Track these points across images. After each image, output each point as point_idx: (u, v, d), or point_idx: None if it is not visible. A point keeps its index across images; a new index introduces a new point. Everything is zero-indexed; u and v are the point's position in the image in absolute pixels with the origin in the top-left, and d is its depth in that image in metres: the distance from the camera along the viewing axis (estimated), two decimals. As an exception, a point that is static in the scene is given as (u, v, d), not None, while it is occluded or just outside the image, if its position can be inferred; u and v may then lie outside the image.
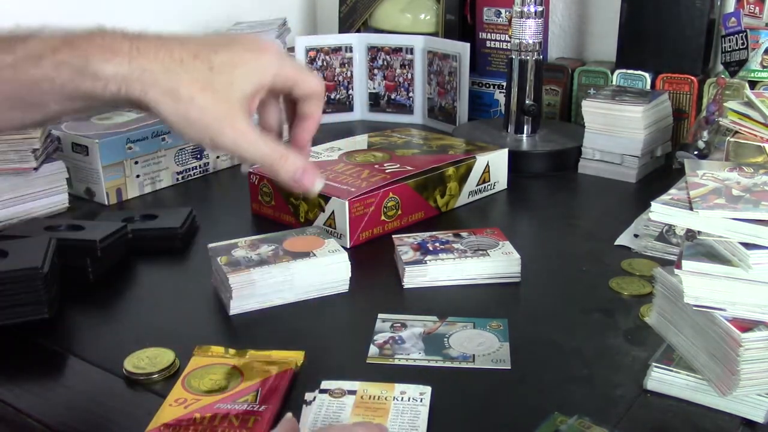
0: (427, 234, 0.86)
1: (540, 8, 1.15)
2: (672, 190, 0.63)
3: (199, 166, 1.14)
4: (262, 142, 0.62)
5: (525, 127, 1.20)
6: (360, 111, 1.44)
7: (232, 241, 0.80)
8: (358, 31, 1.49)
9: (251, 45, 0.64)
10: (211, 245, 0.80)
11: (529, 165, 1.14)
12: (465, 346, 0.68)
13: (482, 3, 1.37)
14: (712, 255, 0.59)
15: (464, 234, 0.85)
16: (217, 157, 1.16)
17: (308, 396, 0.59)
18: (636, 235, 0.89)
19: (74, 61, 0.59)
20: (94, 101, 0.62)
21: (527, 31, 1.15)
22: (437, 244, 0.83)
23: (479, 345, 0.68)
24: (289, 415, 0.53)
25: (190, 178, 1.13)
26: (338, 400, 0.59)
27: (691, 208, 0.59)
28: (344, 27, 1.51)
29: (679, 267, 0.59)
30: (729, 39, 1.13)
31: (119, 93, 0.60)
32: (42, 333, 0.71)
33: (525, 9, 1.14)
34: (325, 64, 1.39)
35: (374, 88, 1.42)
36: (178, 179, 1.12)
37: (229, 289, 0.73)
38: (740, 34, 1.11)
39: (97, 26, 0.63)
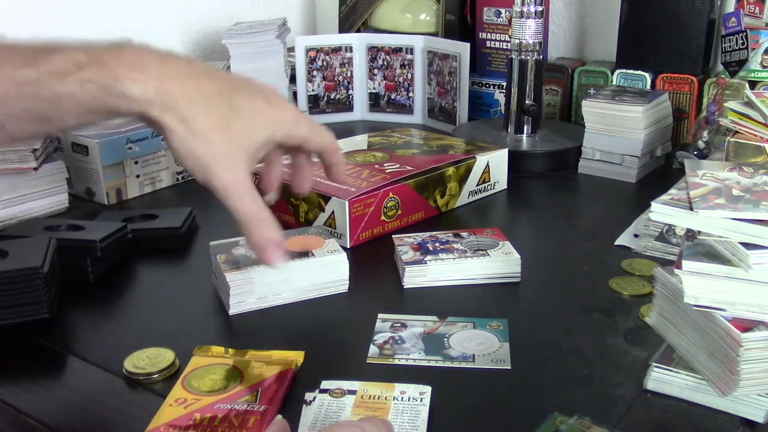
0: (427, 234, 0.86)
1: (540, 8, 1.15)
2: (672, 190, 0.63)
3: (199, 166, 1.14)
4: (250, 198, 0.60)
5: (525, 127, 1.20)
6: (360, 111, 1.44)
7: (233, 239, 0.80)
8: (358, 31, 1.49)
9: (271, 98, 0.64)
10: (213, 243, 0.80)
11: (529, 165, 1.14)
12: (465, 346, 0.68)
13: (482, 3, 1.37)
14: (712, 255, 0.59)
15: (464, 234, 0.85)
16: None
17: (308, 396, 0.59)
18: (636, 235, 0.89)
19: (101, 80, 0.57)
20: (114, 116, 0.61)
21: (527, 31, 1.15)
22: (437, 244, 0.83)
23: (479, 345, 0.68)
24: (279, 417, 0.53)
25: (190, 178, 1.12)
26: (338, 400, 0.59)
27: (691, 208, 0.59)
28: (344, 27, 1.51)
29: (679, 267, 0.59)
30: (729, 39, 1.13)
31: (141, 111, 0.59)
32: (42, 333, 0.71)
33: (525, 9, 1.14)
34: (325, 64, 1.39)
35: (374, 88, 1.42)
36: (178, 179, 1.12)
37: (228, 288, 0.73)
38: (740, 34, 1.11)
39: (123, 39, 0.61)
